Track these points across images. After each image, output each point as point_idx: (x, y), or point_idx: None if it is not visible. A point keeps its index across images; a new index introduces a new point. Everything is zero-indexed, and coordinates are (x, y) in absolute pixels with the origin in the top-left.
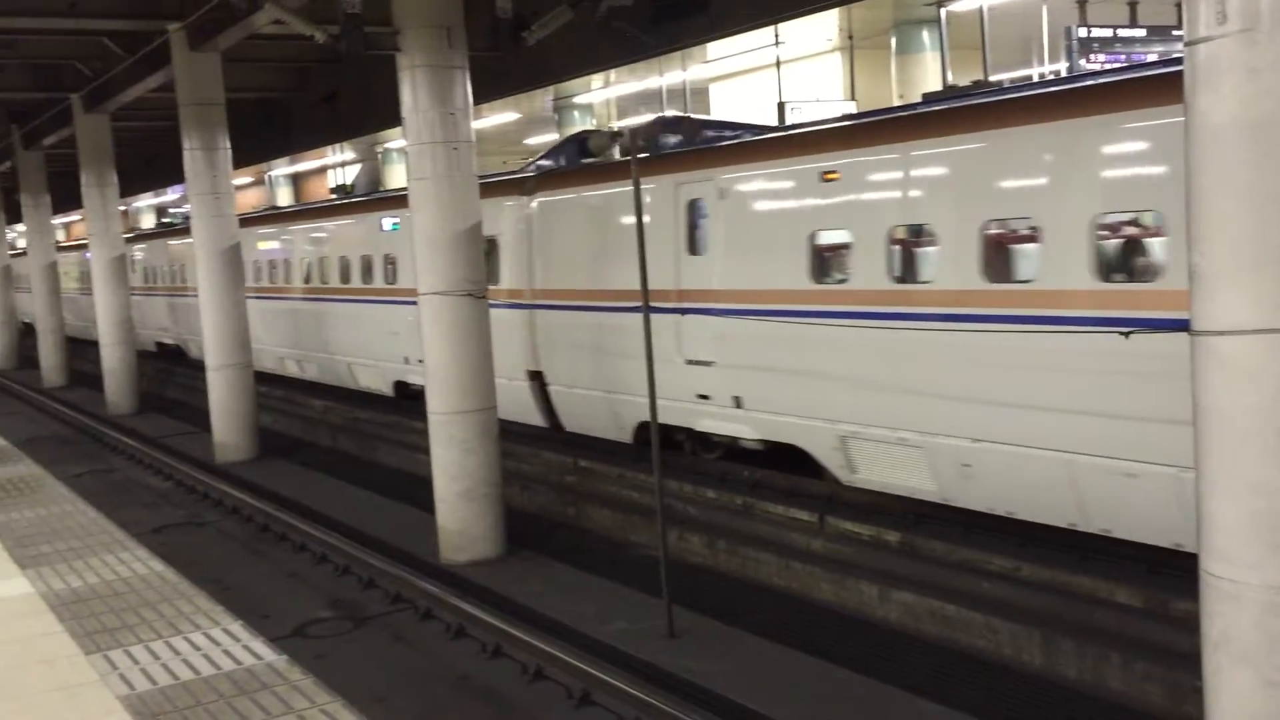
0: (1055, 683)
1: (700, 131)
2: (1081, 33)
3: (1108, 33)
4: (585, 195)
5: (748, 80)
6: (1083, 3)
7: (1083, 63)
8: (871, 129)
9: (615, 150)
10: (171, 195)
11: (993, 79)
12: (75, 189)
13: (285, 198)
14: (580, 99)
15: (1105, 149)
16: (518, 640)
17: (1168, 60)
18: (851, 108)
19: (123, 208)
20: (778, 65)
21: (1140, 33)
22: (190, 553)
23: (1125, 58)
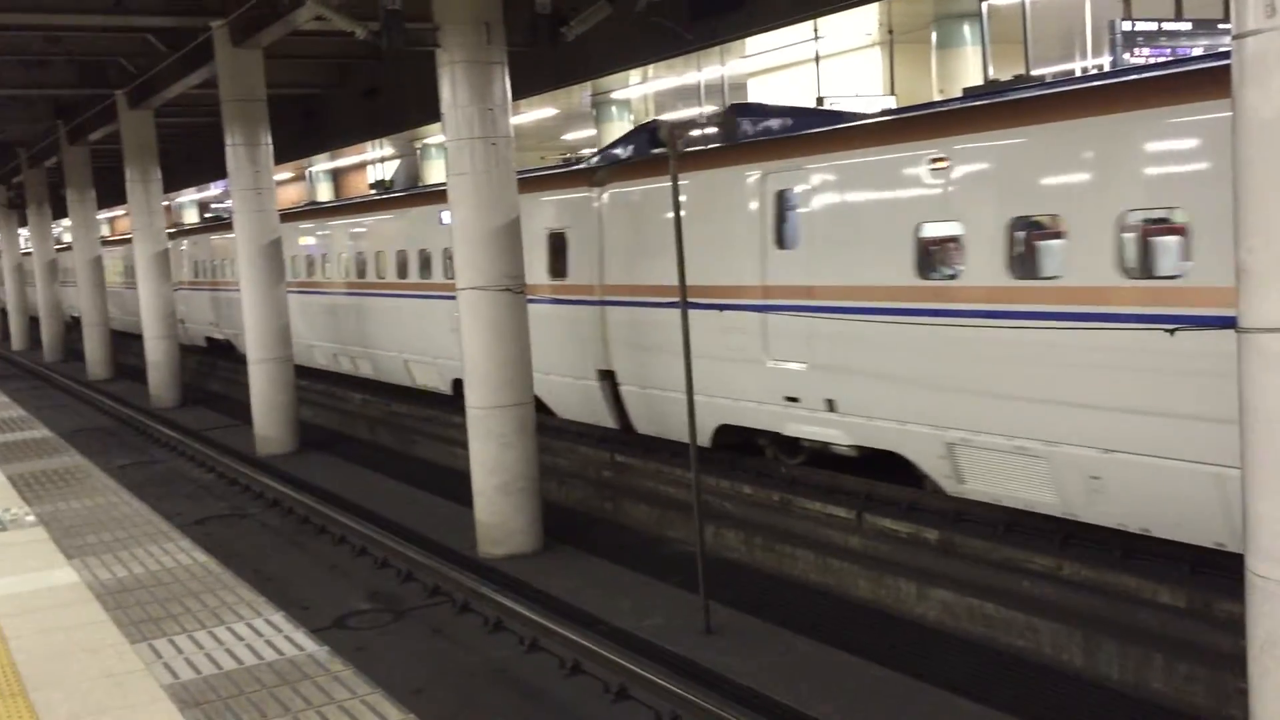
0: (1097, 683)
1: (769, 120)
2: (1125, 26)
3: (1152, 26)
4: (661, 186)
5: (786, 75)
6: None
7: (1126, 57)
8: (991, 111)
9: (688, 138)
10: (214, 190)
11: (1034, 74)
12: (119, 184)
13: (325, 193)
14: (618, 94)
15: None
16: (555, 634)
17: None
18: (891, 103)
19: (165, 203)
20: (816, 60)
21: (1185, 26)
22: (232, 544)
23: (1171, 52)
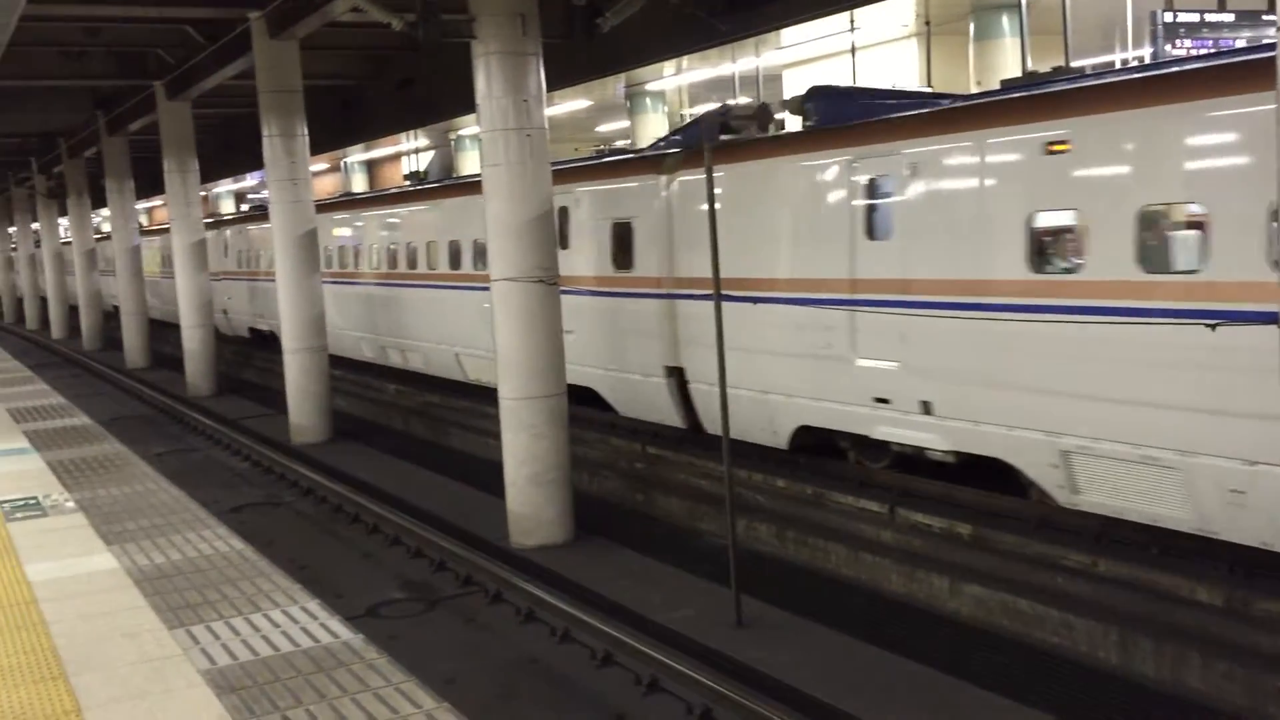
0: (1132, 681)
1: (852, 102)
2: (1167, 17)
3: (1194, 17)
4: (735, 173)
5: (822, 66)
6: None
7: (1168, 48)
8: (1124, 89)
9: (758, 124)
10: (249, 181)
11: (1074, 65)
12: (157, 175)
13: (360, 184)
14: (652, 86)
15: None
16: (586, 625)
17: None
18: None
19: (203, 193)
20: (852, 51)
21: (1228, 17)
22: (267, 532)
23: (1214, 44)
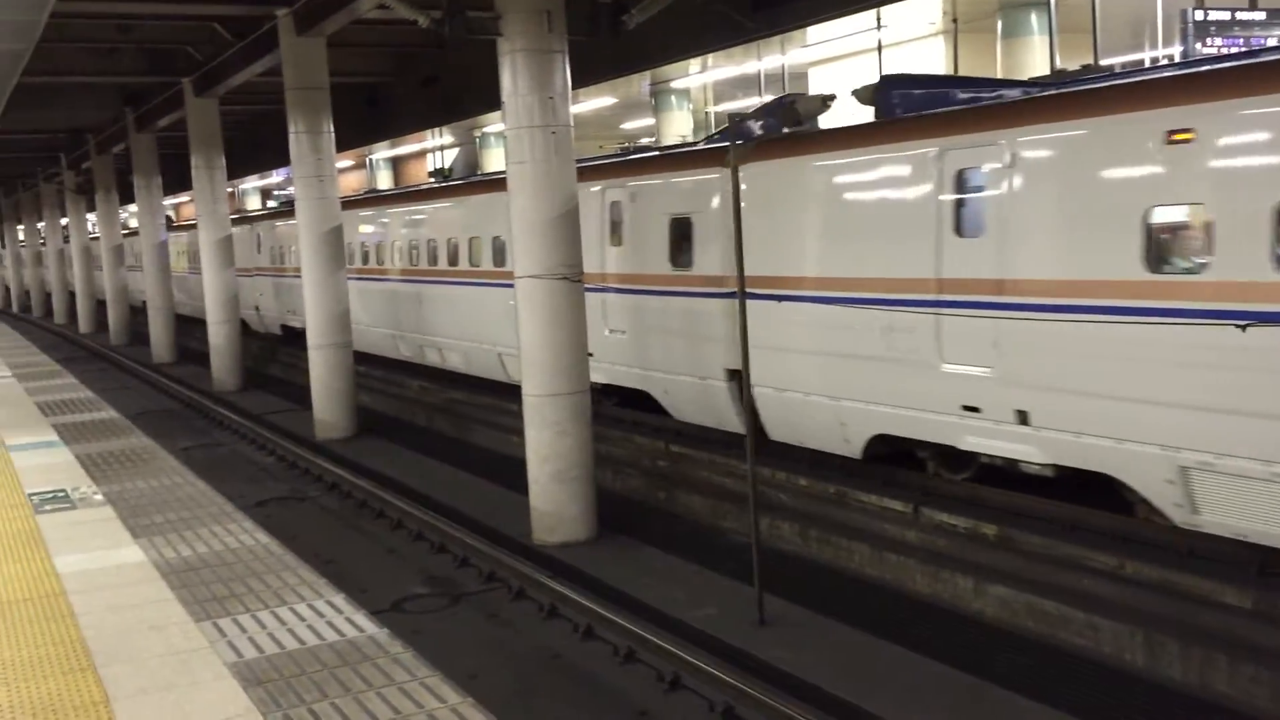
0: (1157, 684)
1: (927, 91)
2: (1198, 15)
3: (1225, 15)
4: (807, 166)
5: (848, 64)
6: None
7: (1199, 47)
8: (1258, 73)
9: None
10: (276, 178)
11: (1103, 63)
12: (185, 171)
13: (385, 181)
14: (677, 83)
15: None
16: (609, 622)
17: None
18: None
19: (230, 189)
20: (879, 49)
21: (1260, 15)
22: (292, 526)
23: (1244, 42)
